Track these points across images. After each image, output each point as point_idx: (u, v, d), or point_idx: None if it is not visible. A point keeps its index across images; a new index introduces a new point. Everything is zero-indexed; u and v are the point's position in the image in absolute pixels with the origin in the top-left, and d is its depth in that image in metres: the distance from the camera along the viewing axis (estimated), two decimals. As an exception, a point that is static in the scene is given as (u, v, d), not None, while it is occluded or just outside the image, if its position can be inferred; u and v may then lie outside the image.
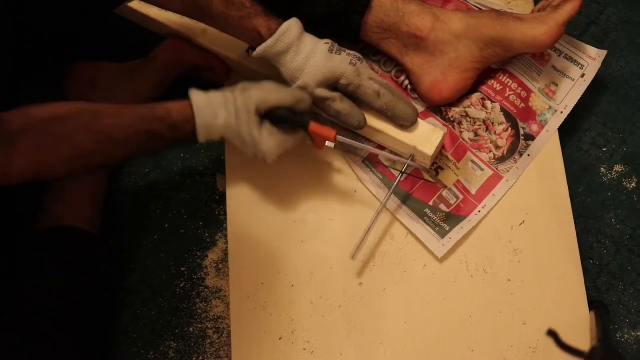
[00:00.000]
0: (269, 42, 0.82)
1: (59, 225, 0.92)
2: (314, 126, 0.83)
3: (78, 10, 0.95)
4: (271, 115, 0.81)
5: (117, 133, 0.76)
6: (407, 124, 0.87)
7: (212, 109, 0.79)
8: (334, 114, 0.85)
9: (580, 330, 0.86)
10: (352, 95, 0.86)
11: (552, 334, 0.64)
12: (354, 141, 0.86)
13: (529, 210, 0.90)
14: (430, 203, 0.91)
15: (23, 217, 0.93)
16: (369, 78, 0.85)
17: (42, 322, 0.84)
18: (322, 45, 0.84)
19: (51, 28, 0.95)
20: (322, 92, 0.84)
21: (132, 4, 0.97)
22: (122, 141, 0.76)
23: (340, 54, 0.84)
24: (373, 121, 0.87)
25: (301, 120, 0.82)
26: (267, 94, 0.80)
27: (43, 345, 0.82)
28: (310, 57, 0.83)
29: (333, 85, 0.85)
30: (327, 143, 0.83)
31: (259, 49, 0.82)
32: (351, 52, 0.85)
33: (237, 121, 0.80)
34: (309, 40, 0.84)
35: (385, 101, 0.86)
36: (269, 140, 0.81)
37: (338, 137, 0.83)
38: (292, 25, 0.83)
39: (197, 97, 0.79)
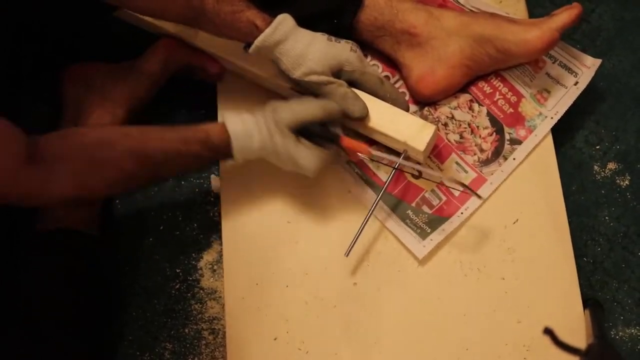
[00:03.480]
0: (268, 30, 0.81)
1: (58, 227, 0.92)
2: (346, 141, 0.84)
3: (74, 17, 0.96)
4: (304, 131, 0.82)
5: (161, 157, 0.79)
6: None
7: (247, 133, 0.81)
8: (338, 99, 0.84)
9: (575, 328, 0.86)
10: (356, 82, 0.86)
11: (548, 332, 0.64)
12: (385, 154, 0.86)
13: (522, 209, 0.91)
14: (413, 204, 0.91)
15: (22, 220, 0.93)
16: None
17: (42, 324, 0.84)
18: (319, 35, 0.84)
19: (47, 32, 0.95)
20: (327, 77, 0.83)
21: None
22: (165, 164, 0.80)
23: (339, 42, 0.85)
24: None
25: (332, 135, 0.83)
26: (298, 111, 0.81)
27: (44, 347, 0.83)
28: (311, 43, 0.83)
29: (336, 72, 0.85)
30: (360, 155, 0.85)
31: (258, 39, 0.82)
32: (349, 40, 0.86)
33: (272, 142, 0.81)
34: (305, 31, 0.84)
35: (389, 88, 0.87)
36: (308, 156, 0.82)
37: (371, 150, 0.84)
38: (287, 17, 0.83)
39: (232, 121, 0.81)
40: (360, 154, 0.85)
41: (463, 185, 0.87)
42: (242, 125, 0.81)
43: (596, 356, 0.74)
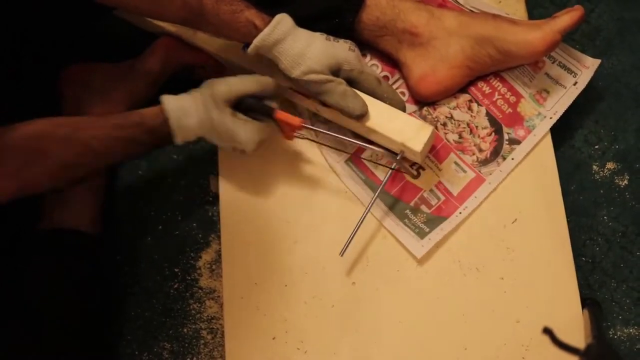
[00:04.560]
0: (266, 30, 0.81)
1: (58, 227, 0.92)
2: (280, 114, 0.84)
3: (73, 17, 0.96)
4: (239, 106, 0.82)
5: (95, 143, 0.78)
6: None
7: (184, 110, 0.80)
8: (337, 97, 0.84)
9: (574, 327, 0.86)
10: (354, 81, 0.86)
11: (547, 331, 0.64)
12: (322, 130, 0.86)
13: (521, 209, 0.91)
14: (412, 204, 0.91)
15: (23, 220, 0.93)
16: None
17: (42, 324, 0.84)
18: (318, 34, 0.84)
19: (47, 32, 0.95)
20: (326, 76, 0.83)
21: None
22: (101, 151, 0.78)
23: (338, 41, 0.85)
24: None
25: (266, 108, 0.83)
26: (232, 84, 0.82)
27: (44, 346, 0.83)
28: (310, 43, 0.83)
29: (335, 71, 0.85)
30: (296, 133, 0.84)
31: (257, 39, 0.82)
32: (347, 40, 0.86)
33: (208, 117, 0.81)
34: (304, 30, 0.84)
35: (386, 87, 0.87)
36: (244, 129, 0.82)
37: (304, 124, 0.84)
38: (285, 16, 0.83)
39: (168, 100, 0.81)
40: (295, 130, 0.84)
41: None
42: (178, 102, 0.81)
43: (595, 356, 0.74)
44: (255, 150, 0.85)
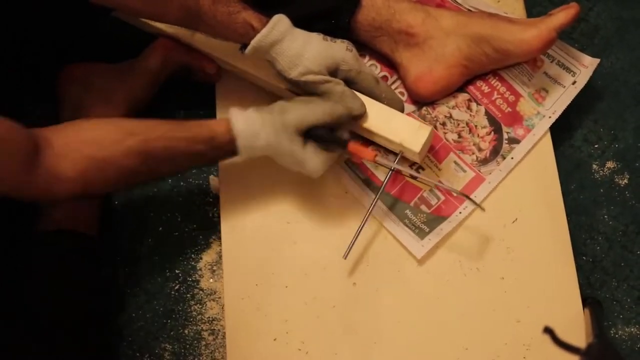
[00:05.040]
0: (264, 31, 0.81)
1: (58, 228, 0.92)
2: (353, 146, 0.83)
3: (73, 17, 0.95)
4: (311, 134, 0.82)
5: (164, 155, 0.78)
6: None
7: (253, 131, 0.80)
8: (336, 98, 0.84)
9: (575, 327, 0.86)
10: (352, 81, 0.86)
11: (548, 331, 0.64)
12: (391, 162, 0.86)
13: (521, 208, 0.91)
14: (411, 204, 0.91)
15: (22, 221, 0.93)
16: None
17: (43, 325, 0.84)
18: (315, 35, 0.84)
19: (47, 32, 0.95)
20: (324, 76, 0.83)
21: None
22: (168, 162, 0.79)
23: (335, 42, 0.85)
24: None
25: (340, 141, 0.83)
26: (305, 113, 0.81)
27: (44, 347, 0.83)
28: (307, 43, 0.83)
29: (333, 72, 0.84)
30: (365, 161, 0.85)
31: (254, 40, 0.81)
32: (344, 40, 0.86)
33: (277, 142, 0.81)
34: (301, 31, 0.84)
35: (384, 87, 0.87)
36: (314, 158, 0.82)
37: (377, 157, 0.84)
38: (283, 17, 0.83)
39: (237, 119, 0.81)
40: (365, 160, 0.84)
41: (459, 192, 0.87)
42: (248, 124, 0.81)
43: (596, 355, 0.74)
44: (319, 175, 0.85)
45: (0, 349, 0.81)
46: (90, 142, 0.75)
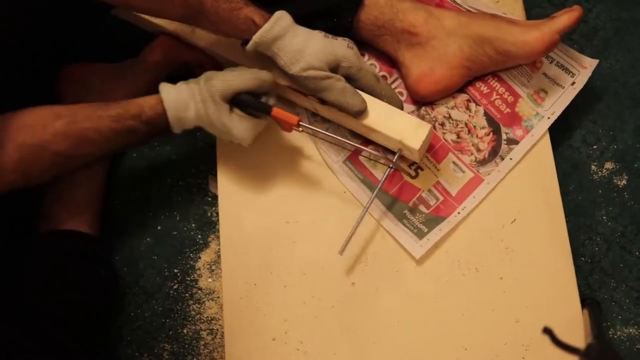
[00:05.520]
0: (266, 26, 0.81)
1: (58, 229, 0.92)
2: (277, 112, 0.84)
3: (75, 17, 0.96)
4: (236, 101, 0.82)
5: (94, 135, 0.78)
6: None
7: (182, 102, 0.81)
8: (336, 94, 0.84)
9: (573, 327, 0.86)
10: (353, 78, 0.86)
11: (547, 331, 0.64)
12: (318, 129, 0.86)
13: (520, 209, 0.91)
14: (410, 204, 0.91)
15: (22, 221, 0.93)
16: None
17: (42, 324, 0.84)
18: (317, 32, 0.85)
19: (47, 32, 0.95)
20: (326, 72, 0.84)
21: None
22: (99, 142, 0.79)
23: (336, 39, 0.85)
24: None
25: (264, 106, 0.83)
26: (230, 80, 0.81)
27: (44, 347, 0.83)
28: (309, 39, 0.83)
29: (333, 68, 0.85)
30: (294, 128, 0.85)
31: (256, 35, 0.82)
32: (345, 38, 0.86)
33: (206, 111, 0.81)
34: (303, 28, 0.84)
35: (384, 85, 0.88)
36: (240, 125, 0.83)
37: (301, 122, 0.84)
38: (285, 14, 0.83)
39: (166, 91, 0.81)
40: (292, 127, 0.84)
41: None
42: (176, 95, 0.81)
43: (595, 355, 0.74)
44: (250, 144, 0.85)
45: (1, 349, 0.81)
46: (20, 129, 0.75)
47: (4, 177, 0.74)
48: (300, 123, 0.84)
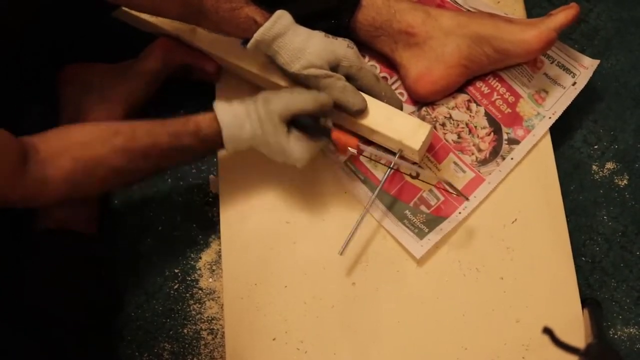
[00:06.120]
0: (267, 24, 0.81)
1: (57, 228, 0.92)
2: (336, 134, 0.84)
3: (75, 17, 0.96)
4: (294, 123, 0.82)
5: (152, 152, 0.79)
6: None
7: (238, 122, 0.81)
8: (337, 92, 0.84)
9: (574, 327, 0.86)
10: (353, 77, 0.86)
11: (547, 331, 0.64)
12: (376, 149, 0.86)
13: (521, 209, 0.91)
14: (411, 204, 0.91)
15: (22, 221, 0.93)
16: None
17: (42, 324, 0.84)
18: (317, 32, 0.85)
19: (47, 32, 0.95)
20: (326, 71, 0.84)
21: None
22: (155, 158, 0.80)
23: (336, 39, 0.85)
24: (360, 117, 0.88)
25: (324, 129, 0.83)
26: (289, 102, 0.81)
27: (44, 347, 0.83)
28: (309, 38, 0.83)
29: (334, 67, 0.85)
30: (349, 149, 0.84)
31: (257, 33, 0.82)
32: (345, 38, 0.86)
33: (262, 132, 0.81)
34: (303, 27, 0.85)
35: (384, 85, 0.88)
36: (298, 147, 0.82)
37: (360, 144, 0.84)
38: (285, 12, 0.83)
39: (222, 110, 0.82)
40: (349, 148, 0.84)
41: (455, 189, 0.86)
42: (233, 114, 0.81)
43: (595, 355, 0.74)
44: (305, 166, 0.85)
45: (1, 349, 0.81)
46: (76, 144, 0.76)
47: (53, 190, 0.74)
48: (359, 145, 0.84)
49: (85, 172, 0.76)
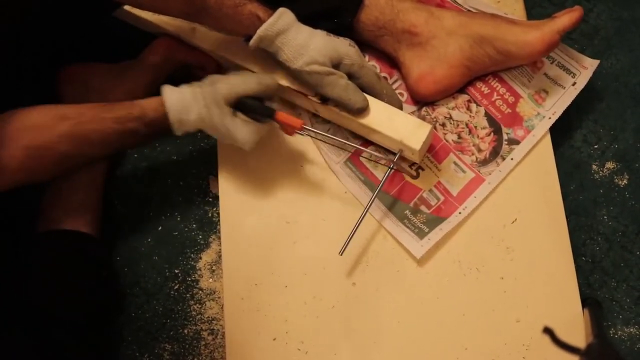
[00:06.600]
0: (270, 20, 0.82)
1: (58, 229, 0.92)
2: (281, 115, 0.84)
3: (75, 17, 0.96)
4: (239, 105, 0.83)
5: (98, 137, 0.81)
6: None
7: (184, 105, 0.82)
8: (339, 90, 0.85)
9: (574, 327, 0.86)
10: (354, 76, 0.86)
11: (548, 331, 0.64)
12: (320, 132, 0.87)
13: (521, 208, 0.91)
14: (411, 204, 0.91)
15: (22, 222, 0.93)
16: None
17: (42, 325, 0.84)
18: (319, 30, 0.85)
19: (47, 32, 0.95)
20: (329, 68, 0.84)
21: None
22: (102, 143, 0.81)
23: (338, 38, 0.86)
24: (360, 116, 0.88)
25: (268, 110, 0.84)
26: (234, 84, 0.82)
27: (44, 347, 0.83)
28: (312, 35, 0.84)
29: (336, 65, 0.85)
30: (296, 132, 0.85)
31: (261, 29, 0.82)
32: (347, 38, 0.87)
33: (209, 114, 0.82)
34: (305, 26, 0.85)
35: (385, 84, 0.88)
36: (243, 129, 0.83)
37: (304, 126, 0.84)
38: (288, 10, 0.84)
39: (169, 94, 0.82)
40: (295, 130, 0.85)
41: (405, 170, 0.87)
42: (179, 98, 0.82)
43: (595, 355, 0.74)
44: (252, 148, 0.86)
45: (1, 349, 0.81)
46: (24, 130, 0.77)
47: (7, 177, 0.75)
48: (304, 126, 0.84)
49: (36, 159, 0.77)
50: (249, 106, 0.83)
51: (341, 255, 0.86)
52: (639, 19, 1.07)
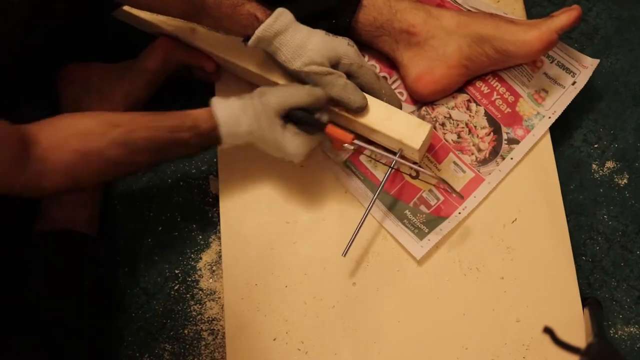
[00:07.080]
0: (269, 20, 0.82)
1: (57, 228, 0.92)
2: (331, 129, 0.84)
3: (75, 17, 0.96)
4: (290, 117, 0.82)
5: (149, 146, 0.79)
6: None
7: (234, 117, 0.81)
8: (338, 89, 0.85)
9: (574, 327, 0.86)
10: (353, 75, 0.86)
11: (548, 331, 0.64)
12: (371, 146, 0.86)
13: (521, 208, 0.91)
14: (411, 204, 0.91)
15: (22, 221, 0.93)
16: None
17: (42, 325, 0.84)
18: (318, 30, 0.85)
19: (47, 32, 0.95)
20: (328, 68, 0.84)
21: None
22: (151, 152, 0.80)
23: (337, 37, 0.86)
24: (359, 115, 0.88)
25: (318, 123, 0.83)
26: (284, 95, 0.82)
27: (44, 347, 0.83)
28: (310, 35, 0.84)
29: (334, 65, 0.85)
30: (345, 145, 0.84)
31: (259, 30, 0.82)
32: (345, 37, 0.87)
33: (259, 127, 0.82)
34: (303, 25, 0.85)
35: (384, 84, 0.88)
36: (294, 141, 0.83)
37: (355, 140, 0.84)
38: (286, 10, 0.84)
39: (219, 106, 0.82)
40: (345, 145, 0.84)
41: (454, 190, 0.86)
42: (229, 110, 0.82)
43: (595, 355, 0.74)
44: (301, 161, 0.85)
45: (1, 349, 0.81)
46: (75, 136, 0.75)
47: (53, 180, 0.74)
48: (354, 141, 0.84)
49: (84, 164, 0.76)
50: (300, 118, 0.82)
51: (344, 256, 0.86)
52: (638, 18, 1.07)
